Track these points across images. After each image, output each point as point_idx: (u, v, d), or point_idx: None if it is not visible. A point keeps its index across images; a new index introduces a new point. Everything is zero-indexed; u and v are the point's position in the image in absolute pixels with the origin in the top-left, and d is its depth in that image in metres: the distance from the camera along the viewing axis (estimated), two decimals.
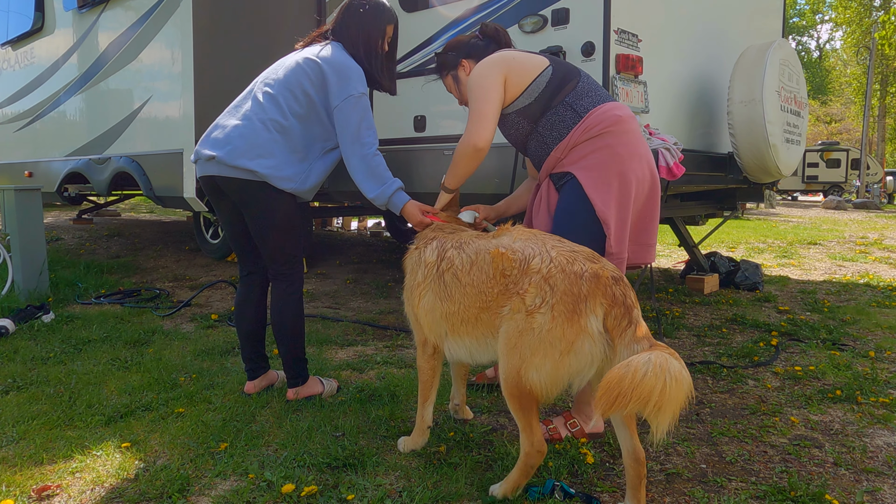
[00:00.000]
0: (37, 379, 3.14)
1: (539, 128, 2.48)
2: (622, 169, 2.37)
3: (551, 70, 2.47)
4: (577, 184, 2.39)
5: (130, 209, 12.13)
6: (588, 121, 2.39)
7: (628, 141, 2.40)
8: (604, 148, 2.37)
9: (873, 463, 2.35)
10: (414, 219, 2.62)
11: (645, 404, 1.58)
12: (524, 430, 1.97)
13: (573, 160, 2.41)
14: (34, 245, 4.95)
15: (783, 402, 2.95)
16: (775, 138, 4.27)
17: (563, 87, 2.45)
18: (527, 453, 1.97)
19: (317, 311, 4.72)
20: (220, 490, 2.10)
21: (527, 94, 2.46)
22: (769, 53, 4.22)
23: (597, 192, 2.35)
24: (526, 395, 1.91)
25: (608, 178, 2.36)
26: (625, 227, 2.41)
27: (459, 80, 2.69)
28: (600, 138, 2.38)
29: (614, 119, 2.39)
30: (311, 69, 2.68)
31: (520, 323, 1.91)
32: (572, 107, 2.42)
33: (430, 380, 2.38)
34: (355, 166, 2.69)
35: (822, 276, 6.53)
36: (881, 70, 28.28)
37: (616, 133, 2.38)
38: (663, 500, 2.09)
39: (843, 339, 3.98)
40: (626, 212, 2.40)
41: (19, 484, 2.12)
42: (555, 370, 1.86)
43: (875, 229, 12.30)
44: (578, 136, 2.39)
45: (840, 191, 26.72)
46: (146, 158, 5.66)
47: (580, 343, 1.83)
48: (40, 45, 7.02)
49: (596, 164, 2.37)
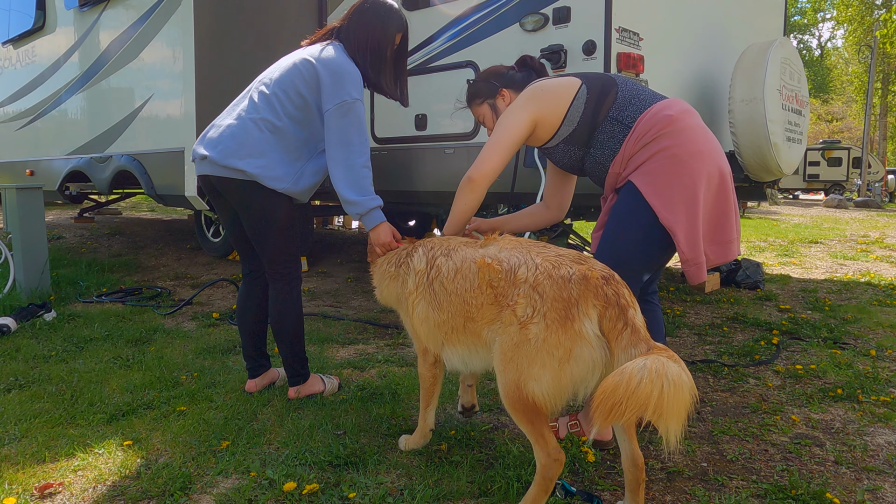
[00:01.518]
0: (39, 377, 3.15)
1: (591, 150, 2.37)
2: (683, 171, 2.22)
3: (585, 90, 2.35)
4: (634, 188, 2.27)
5: (132, 208, 12.14)
6: (638, 130, 2.27)
7: (685, 139, 2.25)
8: (660, 152, 2.24)
9: (874, 461, 2.35)
10: (382, 240, 2.55)
11: (643, 411, 1.54)
12: (536, 442, 1.87)
13: (631, 170, 2.29)
14: (36, 243, 4.96)
15: (784, 400, 2.95)
16: (777, 137, 4.27)
17: (603, 102, 2.33)
18: (544, 465, 1.87)
19: (318, 309, 4.73)
20: (221, 488, 2.10)
21: (567, 122, 2.35)
22: (770, 52, 4.22)
23: (658, 197, 2.22)
24: (530, 408, 1.84)
25: (669, 182, 2.22)
26: (696, 230, 2.25)
27: (497, 110, 2.58)
28: (655, 143, 2.24)
29: (666, 120, 2.25)
30: (306, 70, 2.64)
31: (514, 336, 1.85)
32: (618, 120, 2.30)
33: (431, 387, 2.35)
34: (338, 175, 2.61)
35: (824, 275, 6.53)
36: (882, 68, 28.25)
37: (670, 134, 2.24)
38: (664, 498, 2.09)
39: (844, 338, 3.98)
40: (695, 215, 2.24)
41: (22, 482, 2.13)
42: (556, 380, 1.78)
43: (876, 228, 12.28)
44: (632, 148, 2.28)
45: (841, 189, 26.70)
46: (147, 157, 5.67)
47: (578, 350, 1.76)
48: (41, 44, 7.02)
49: (654, 170, 2.24)
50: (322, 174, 2.81)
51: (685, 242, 2.23)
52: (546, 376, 1.78)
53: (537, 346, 1.79)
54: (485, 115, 2.63)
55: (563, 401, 1.82)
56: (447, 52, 4.45)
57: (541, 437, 1.86)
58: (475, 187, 2.37)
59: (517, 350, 1.83)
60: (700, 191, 2.23)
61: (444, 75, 4.46)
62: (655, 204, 2.22)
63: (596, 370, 1.77)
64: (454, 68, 4.41)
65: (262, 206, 2.68)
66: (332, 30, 2.79)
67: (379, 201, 2.63)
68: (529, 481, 2.05)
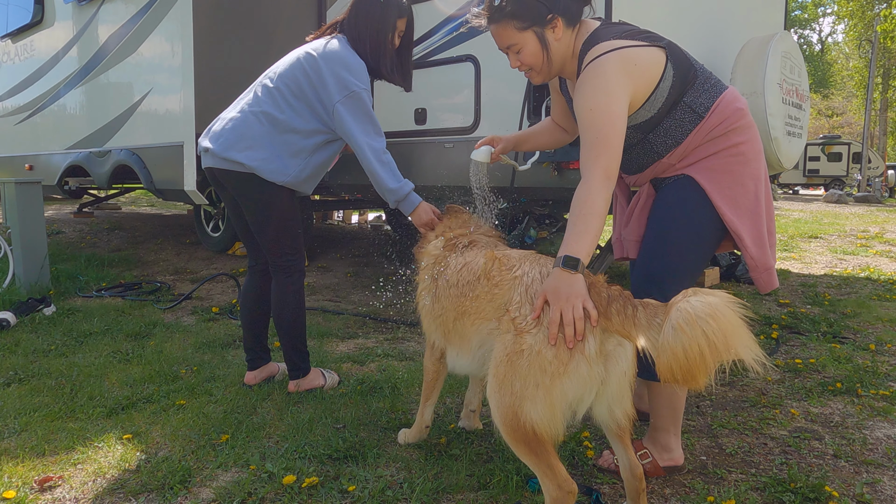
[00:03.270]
0: (38, 371, 3.15)
1: (650, 135, 2.08)
2: (748, 171, 2.04)
3: (672, 71, 2.00)
4: (694, 184, 2.05)
5: (131, 203, 12.13)
6: (709, 121, 2.02)
7: (753, 137, 2.06)
8: (729, 149, 2.03)
9: (873, 455, 2.36)
10: (424, 219, 2.55)
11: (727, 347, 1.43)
12: (544, 476, 1.68)
13: (688, 163, 2.06)
14: (35, 238, 4.95)
15: (783, 394, 2.95)
16: (777, 131, 4.26)
17: (685, 87, 2.02)
18: (554, 499, 1.67)
19: (318, 304, 4.73)
20: (221, 481, 2.10)
21: (647, 107, 2.01)
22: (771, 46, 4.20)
23: (723, 198, 2.02)
24: (531, 438, 1.66)
25: (735, 181, 2.03)
26: (762, 234, 2.07)
27: (547, 45, 2.01)
28: (725, 138, 2.02)
29: (738, 114, 2.03)
30: (308, 64, 2.66)
31: (508, 345, 1.72)
32: (691, 107, 2.02)
33: (433, 381, 2.33)
34: (370, 160, 2.60)
35: (823, 270, 6.53)
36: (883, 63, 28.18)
37: (742, 130, 2.03)
38: (664, 491, 2.10)
39: (843, 332, 3.98)
40: (759, 217, 2.06)
41: (21, 475, 2.13)
42: (548, 397, 1.63)
43: (876, 223, 12.27)
44: (699, 139, 2.03)
45: (841, 184, 26.68)
46: (147, 151, 5.66)
47: (575, 364, 1.63)
48: (40, 38, 7.00)
49: (720, 167, 2.03)
50: (324, 168, 2.83)
51: (753, 247, 2.06)
52: (540, 395, 1.63)
53: (531, 358, 1.66)
54: (524, 46, 2.02)
55: (563, 423, 1.67)
56: (447, 46, 4.43)
57: (548, 468, 1.68)
58: (613, 182, 1.89)
59: (510, 365, 1.69)
60: (762, 192, 2.08)
61: (444, 69, 4.45)
62: (720, 204, 2.02)
63: (593, 389, 1.65)
64: (454, 62, 4.40)
65: (263, 199, 2.70)
66: (336, 24, 2.81)
67: (412, 184, 2.64)
68: (528, 475, 2.06)
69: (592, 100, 1.88)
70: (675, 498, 2.05)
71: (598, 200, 1.81)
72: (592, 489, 2.04)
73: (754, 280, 2.12)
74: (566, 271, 1.73)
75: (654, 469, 2.17)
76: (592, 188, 1.82)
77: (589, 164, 1.86)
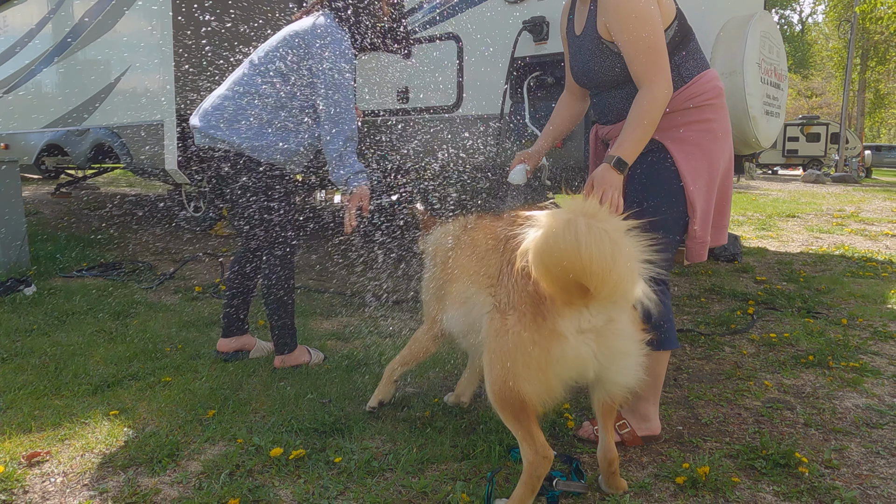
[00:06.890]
0: (21, 350, 3.14)
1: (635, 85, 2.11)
2: (715, 148, 2.16)
3: (677, 24, 2.14)
4: (667, 153, 2.14)
5: (110, 183, 11.97)
6: (691, 89, 2.13)
7: (723, 117, 2.19)
8: (701, 122, 2.14)
9: (842, 423, 2.45)
10: (363, 198, 2.73)
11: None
12: (524, 440, 1.74)
13: (665, 127, 2.12)
14: (13, 218, 4.89)
15: (758, 367, 3.04)
16: (755, 110, 4.31)
17: (680, 47, 2.14)
18: (531, 463, 1.73)
19: (301, 283, 4.74)
20: (209, 454, 2.14)
21: None
22: (750, 25, 4.24)
23: (689, 170, 2.13)
24: (519, 406, 1.72)
25: (702, 157, 2.15)
26: (709, 210, 2.21)
27: None
28: (699, 111, 2.14)
29: (716, 92, 2.16)
30: (294, 41, 2.67)
31: (497, 324, 1.77)
32: (678, 69, 2.12)
33: (418, 355, 2.36)
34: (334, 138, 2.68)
35: (799, 248, 6.66)
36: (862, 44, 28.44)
37: (716, 107, 2.17)
38: (641, 459, 2.17)
39: (817, 308, 4.08)
40: (711, 194, 2.20)
41: (9, 450, 2.15)
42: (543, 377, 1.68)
43: (852, 202, 12.49)
44: (677, 105, 2.12)
45: (819, 165, 27.02)
46: (126, 130, 5.59)
47: (559, 348, 1.65)
48: (13, 14, 6.85)
49: (691, 139, 2.14)
50: (309, 147, 2.82)
51: (701, 220, 2.17)
52: (532, 374, 1.68)
53: (515, 340, 1.69)
54: None
55: (553, 400, 1.73)
56: (429, 24, 4.42)
57: (528, 434, 1.74)
58: (669, 94, 2.05)
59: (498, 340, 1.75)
60: (719, 172, 2.20)
61: (426, 47, 4.43)
62: (686, 175, 2.13)
63: (587, 366, 1.69)
64: (437, 40, 4.39)
65: (251, 177, 2.71)
66: (322, 0, 2.80)
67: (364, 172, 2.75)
68: (511, 445, 2.11)
69: (635, 6, 1.99)
70: (652, 466, 2.12)
71: (659, 110, 2.02)
72: (573, 458, 2.10)
73: (687, 247, 2.24)
74: (615, 170, 2.01)
75: (633, 438, 2.24)
76: (657, 98, 2.00)
77: (648, 73, 2.01)
